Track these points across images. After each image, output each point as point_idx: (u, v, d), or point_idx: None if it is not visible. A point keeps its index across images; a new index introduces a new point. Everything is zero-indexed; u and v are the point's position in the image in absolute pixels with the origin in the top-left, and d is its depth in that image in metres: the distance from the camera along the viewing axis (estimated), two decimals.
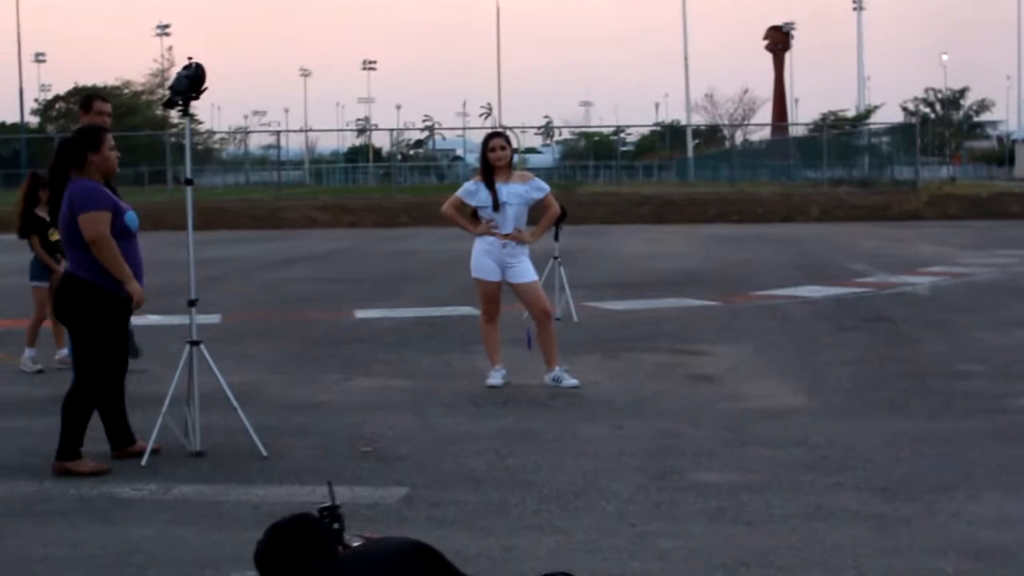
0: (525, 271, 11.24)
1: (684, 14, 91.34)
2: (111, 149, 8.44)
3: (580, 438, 9.18)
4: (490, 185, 11.15)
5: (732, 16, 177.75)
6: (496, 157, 11.15)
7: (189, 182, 9.18)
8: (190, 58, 8.57)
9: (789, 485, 7.78)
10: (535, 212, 11.44)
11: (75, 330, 8.37)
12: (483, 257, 11.22)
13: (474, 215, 11.38)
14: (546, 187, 11.49)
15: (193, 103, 8.69)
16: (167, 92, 8.83)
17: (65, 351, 11.47)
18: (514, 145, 11.48)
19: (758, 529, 6.89)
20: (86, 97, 11.40)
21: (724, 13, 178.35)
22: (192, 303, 8.95)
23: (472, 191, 11.31)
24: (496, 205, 11.11)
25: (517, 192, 11.16)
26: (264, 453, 8.56)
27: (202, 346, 8.90)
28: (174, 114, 74.35)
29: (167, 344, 13.42)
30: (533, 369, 11.52)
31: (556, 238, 15.81)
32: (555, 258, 15.88)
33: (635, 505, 7.36)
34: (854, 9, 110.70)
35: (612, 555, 6.40)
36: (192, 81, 8.54)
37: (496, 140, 11.24)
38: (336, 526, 4.64)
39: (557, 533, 6.82)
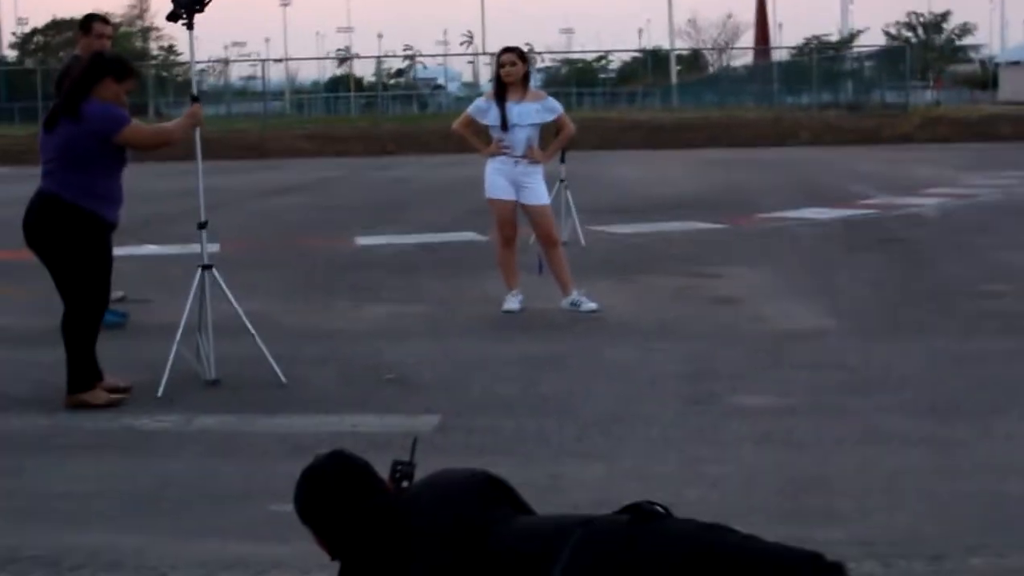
0: (538, 193, 10.90)
1: None
2: (127, 92, 8.11)
3: (609, 362, 8.90)
4: (500, 103, 10.78)
5: None
6: (506, 73, 10.76)
7: (195, 99, 8.61)
8: None
9: (834, 408, 7.52)
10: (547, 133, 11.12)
11: (58, 255, 7.92)
12: (496, 176, 10.86)
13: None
14: (559, 107, 11.13)
15: (198, 15, 8.31)
16: (176, 8, 8.31)
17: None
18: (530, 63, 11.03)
19: (810, 453, 6.64)
20: (86, 18, 10.75)
21: None
22: (202, 226, 8.66)
23: (483, 108, 10.95)
24: (505, 125, 10.74)
25: (528, 112, 10.77)
26: (284, 381, 8.27)
27: (214, 270, 8.59)
28: (153, 45, 73.31)
29: (167, 271, 13.11)
30: (548, 294, 11.21)
31: (562, 160, 15.45)
32: (561, 181, 15.51)
33: (678, 430, 7.10)
34: None
35: (664, 483, 6.11)
36: None
37: (507, 55, 10.82)
38: (405, 483, 4.26)
39: (603, 460, 6.56)
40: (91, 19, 10.71)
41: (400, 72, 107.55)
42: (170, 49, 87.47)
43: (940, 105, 67.50)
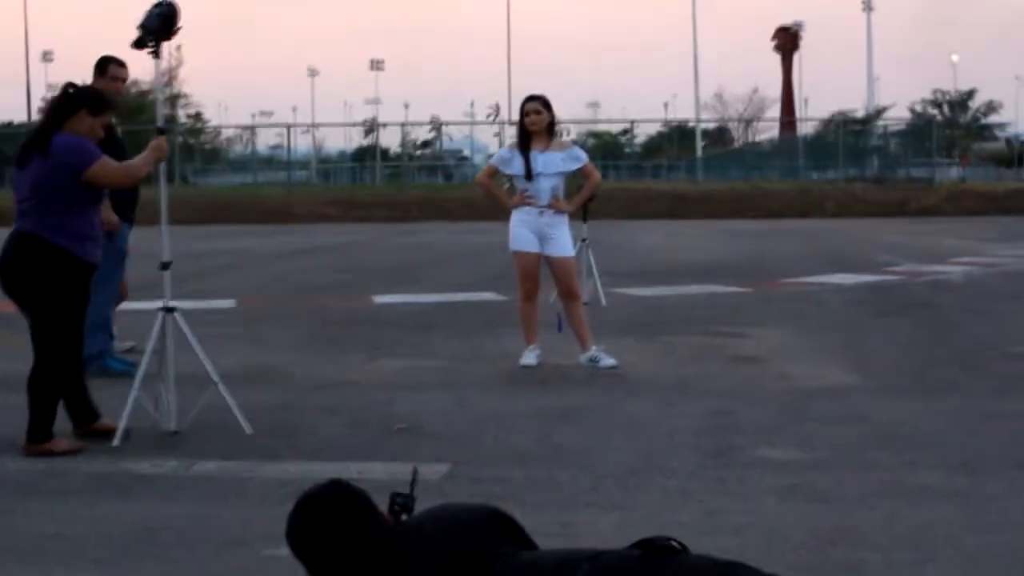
0: (563, 245, 10.64)
1: (694, 14, 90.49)
2: (103, 125, 7.83)
3: (627, 416, 8.62)
4: (525, 153, 10.54)
5: (741, 16, 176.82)
6: (531, 121, 10.52)
7: (161, 131, 8.11)
8: None
9: (859, 463, 7.22)
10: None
11: (36, 297, 7.56)
12: (520, 228, 10.60)
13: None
14: (584, 157, 10.90)
15: (165, 45, 7.85)
16: (143, 35, 7.81)
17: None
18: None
19: (835, 507, 6.33)
20: (101, 60, 10.40)
21: (733, 13, 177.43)
22: (165, 266, 8.12)
23: (507, 159, 10.72)
24: (529, 174, 10.51)
25: (553, 161, 10.54)
26: (249, 431, 7.86)
27: (176, 314, 8.07)
28: (181, 112, 73.35)
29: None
30: (567, 350, 10.94)
31: (584, 219, 15.22)
32: (583, 240, 15.26)
33: (697, 482, 6.80)
34: (863, 10, 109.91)
35: (681, 531, 5.73)
36: (164, 20, 7.71)
37: (531, 104, 10.59)
38: (403, 516, 3.99)
39: (617, 509, 6.27)
40: (107, 61, 10.41)
41: (426, 143, 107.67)
42: (198, 116, 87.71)
43: (966, 181, 67.22)
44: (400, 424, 8.30)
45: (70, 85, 7.83)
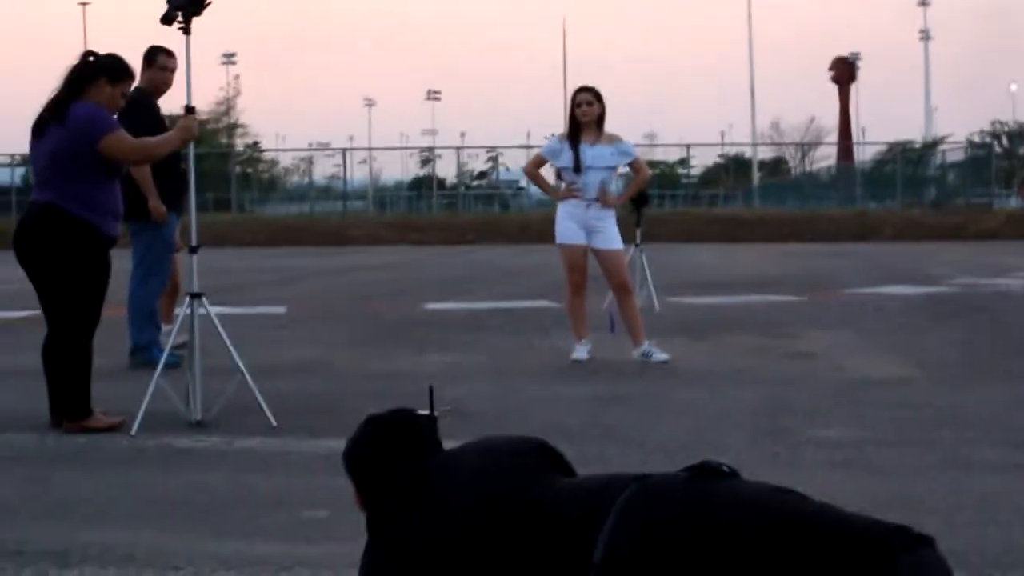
0: (611, 237, 10.44)
1: (750, 45, 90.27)
2: (123, 94, 7.64)
3: (679, 401, 8.43)
4: (574, 144, 10.37)
5: (798, 46, 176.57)
6: (583, 112, 10.34)
7: (190, 110, 7.88)
8: None
9: (918, 440, 7.01)
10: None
11: (55, 271, 7.35)
12: (567, 220, 10.42)
13: (559, 177, 10.65)
14: (634, 151, 10.74)
15: (195, 19, 7.54)
16: (171, 9, 7.49)
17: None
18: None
19: (894, 478, 6.13)
20: (151, 50, 10.25)
21: (790, 43, 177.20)
22: (193, 250, 7.90)
23: (556, 150, 10.53)
24: (578, 167, 10.33)
25: (603, 155, 10.36)
26: (274, 424, 7.48)
27: (204, 298, 7.86)
28: (239, 142, 73.55)
29: (231, 328, 12.80)
30: (619, 346, 10.77)
31: (638, 224, 15.03)
32: (636, 245, 15.07)
33: (750, 456, 6.58)
34: (921, 39, 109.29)
35: None
36: None
37: (583, 94, 10.40)
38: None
39: None
40: (156, 51, 10.25)
41: (482, 174, 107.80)
42: (255, 146, 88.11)
43: None
44: (445, 408, 8.11)
45: (89, 53, 7.63)
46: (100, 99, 7.44)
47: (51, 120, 7.39)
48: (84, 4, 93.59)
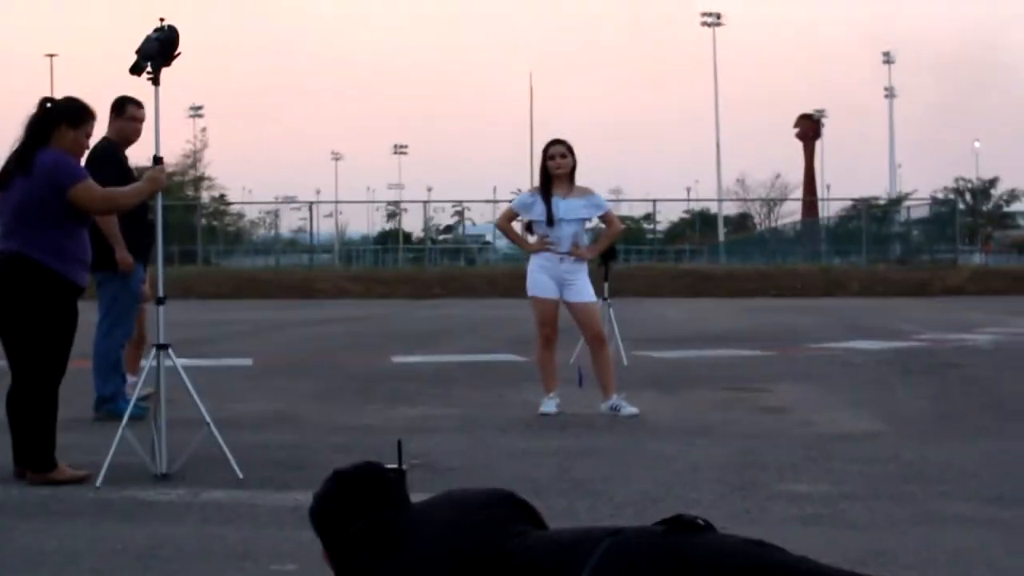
0: (583, 290, 10.42)
1: (716, 101, 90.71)
2: (86, 136, 7.58)
3: (649, 454, 8.39)
4: (546, 197, 10.35)
5: (763, 103, 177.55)
6: (556, 165, 10.33)
7: (158, 160, 7.65)
8: (162, 19, 7.42)
9: (889, 495, 6.98)
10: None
11: (21, 319, 7.26)
12: (539, 273, 10.39)
13: (528, 229, 10.63)
14: (606, 204, 10.76)
15: (163, 70, 7.44)
16: (140, 60, 7.43)
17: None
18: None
19: (865, 533, 6.09)
20: (119, 100, 10.19)
21: (755, 100, 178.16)
22: (160, 301, 7.70)
23: (527, 203, 10.51)
24: (551, 220, 10.31)
25: (575, 207, 10.35)
26: (240, 476, 7.38)
27: (170, 350, 7.72)
28: (204, 195, 73.45)
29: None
30: (587, 400, 10.74)
31: (606, 278, 15.02)
32: (604, 299, 15.04)
33: (720, 511, 6.52)
34: (886, 97, 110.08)
35: None
36: (163, 44, 7.39)
37: (556, 147, 10.38)
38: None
39: None
40: (125, 101, 10.18)
41: (449, 228, 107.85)
42: (221, 198, 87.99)
43: (989, 267, 66.88)
44: (413, 460, 8.06)
45: (47, 99, 7.56)
46: (64, 144, 7.37)
47: (16, 171, 7.31)
48: (51, 56, 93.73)
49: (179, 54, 7.48)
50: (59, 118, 7.40)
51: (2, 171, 7.42)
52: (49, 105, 7.50)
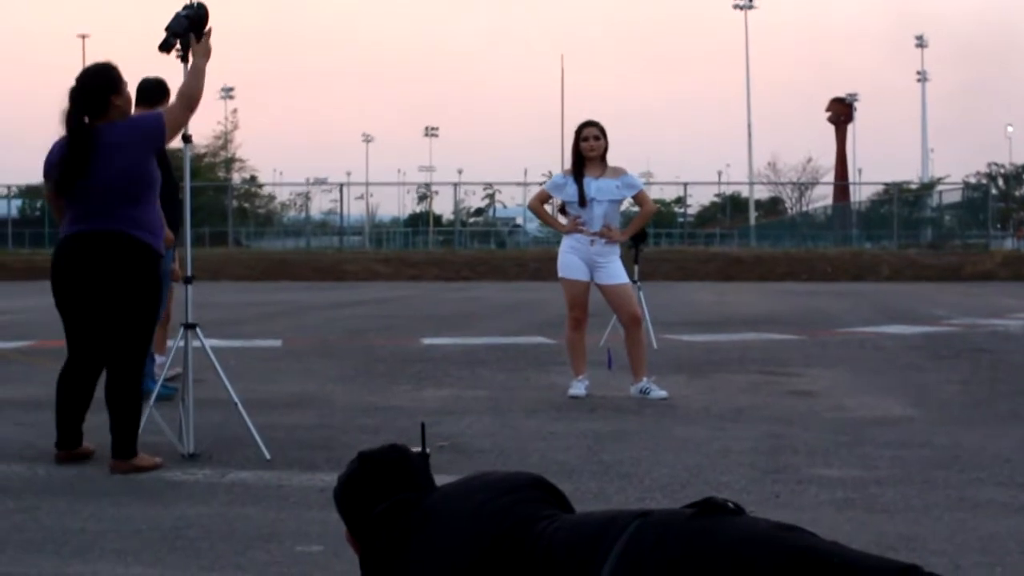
0: (615, 272, 10.36)
1: (748, 84, 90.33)
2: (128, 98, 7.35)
3: (678, 438, 8.32)
4: (579, 178, 10.30)
5: (795, 87, 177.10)
6: (589, 147, 10.27)
7: (187, 139, 7.66)
8: None
9: (922, 480, 6.90)
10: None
11: (129, 303, 7.09)
12: (570, 255, 10.34)
13: (563, 211, 10.57)
14: (639, 183, 10.68)
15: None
16: (169, 37, 7.38)
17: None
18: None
19: (897, 517, 6.02)
20: (156, 85, 10.04)
21: (787, 84, 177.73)
22: (188, 280, 7.68)
23: (560, 184, 10.46)
24: (583, 201, 10.25)
25: (608, 188, 10.29)
26: (268, 457, 7.38)
27: (198, 330, 7.68)
28: (235, 177, 73.63)
29: (224, 359, 12.70)
30: (617, 383, 10.69)
31: (636, 260, 14.94)
32: (634, 282, 14.94)
33: (750, 495, 6.48)
34: (918, 81, 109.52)
35: None
36: (193, 21, 7.31)
37: (590, 129, 10.33)
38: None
39: None
40: (161, 88, 10.15)
41: (479, 211, 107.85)
42: (252, 180, 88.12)
43: (1021, 252, 66.48)
44: (442, 443, 8.03)
45: (77, 86, 7.22)
46: (121, 113, 7.19)
47: (89, 156, 7.06)
48: (83, 37, 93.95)
49: (209, 31, 7.42)
50: (104, 93, 7.14)
51: (75, 159, 7.09)
52: (83, 86, 7.19)
